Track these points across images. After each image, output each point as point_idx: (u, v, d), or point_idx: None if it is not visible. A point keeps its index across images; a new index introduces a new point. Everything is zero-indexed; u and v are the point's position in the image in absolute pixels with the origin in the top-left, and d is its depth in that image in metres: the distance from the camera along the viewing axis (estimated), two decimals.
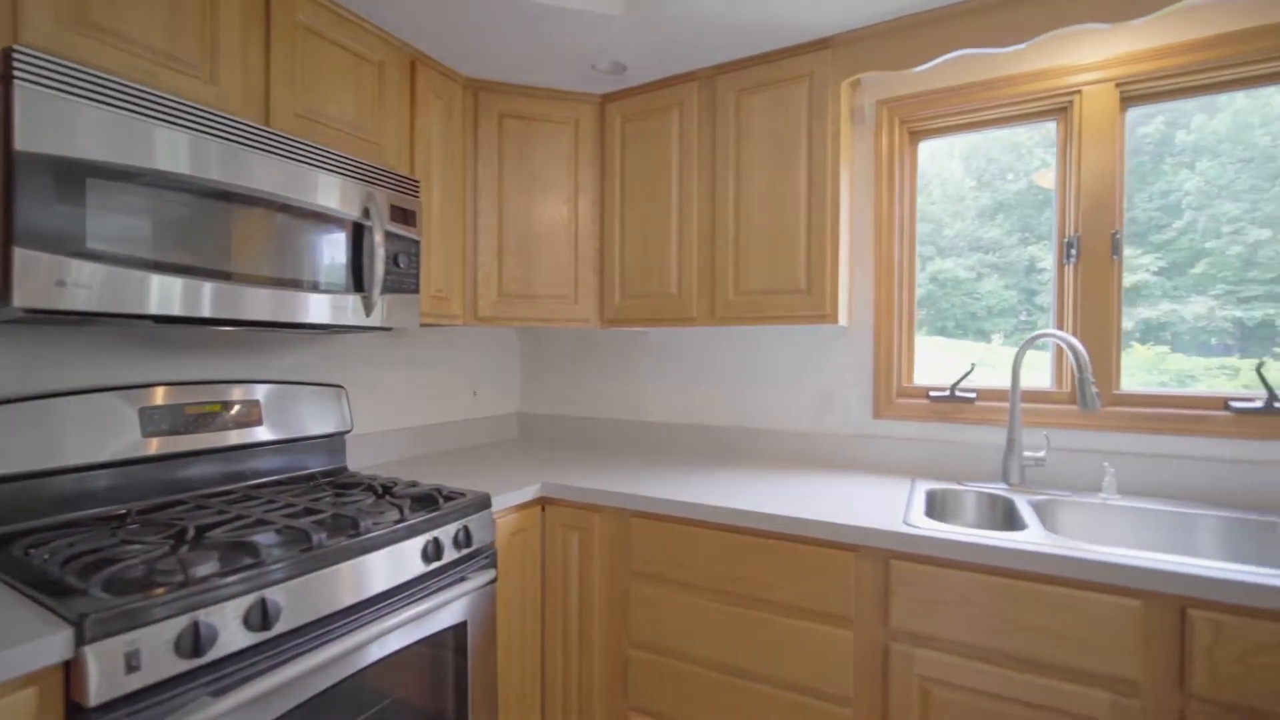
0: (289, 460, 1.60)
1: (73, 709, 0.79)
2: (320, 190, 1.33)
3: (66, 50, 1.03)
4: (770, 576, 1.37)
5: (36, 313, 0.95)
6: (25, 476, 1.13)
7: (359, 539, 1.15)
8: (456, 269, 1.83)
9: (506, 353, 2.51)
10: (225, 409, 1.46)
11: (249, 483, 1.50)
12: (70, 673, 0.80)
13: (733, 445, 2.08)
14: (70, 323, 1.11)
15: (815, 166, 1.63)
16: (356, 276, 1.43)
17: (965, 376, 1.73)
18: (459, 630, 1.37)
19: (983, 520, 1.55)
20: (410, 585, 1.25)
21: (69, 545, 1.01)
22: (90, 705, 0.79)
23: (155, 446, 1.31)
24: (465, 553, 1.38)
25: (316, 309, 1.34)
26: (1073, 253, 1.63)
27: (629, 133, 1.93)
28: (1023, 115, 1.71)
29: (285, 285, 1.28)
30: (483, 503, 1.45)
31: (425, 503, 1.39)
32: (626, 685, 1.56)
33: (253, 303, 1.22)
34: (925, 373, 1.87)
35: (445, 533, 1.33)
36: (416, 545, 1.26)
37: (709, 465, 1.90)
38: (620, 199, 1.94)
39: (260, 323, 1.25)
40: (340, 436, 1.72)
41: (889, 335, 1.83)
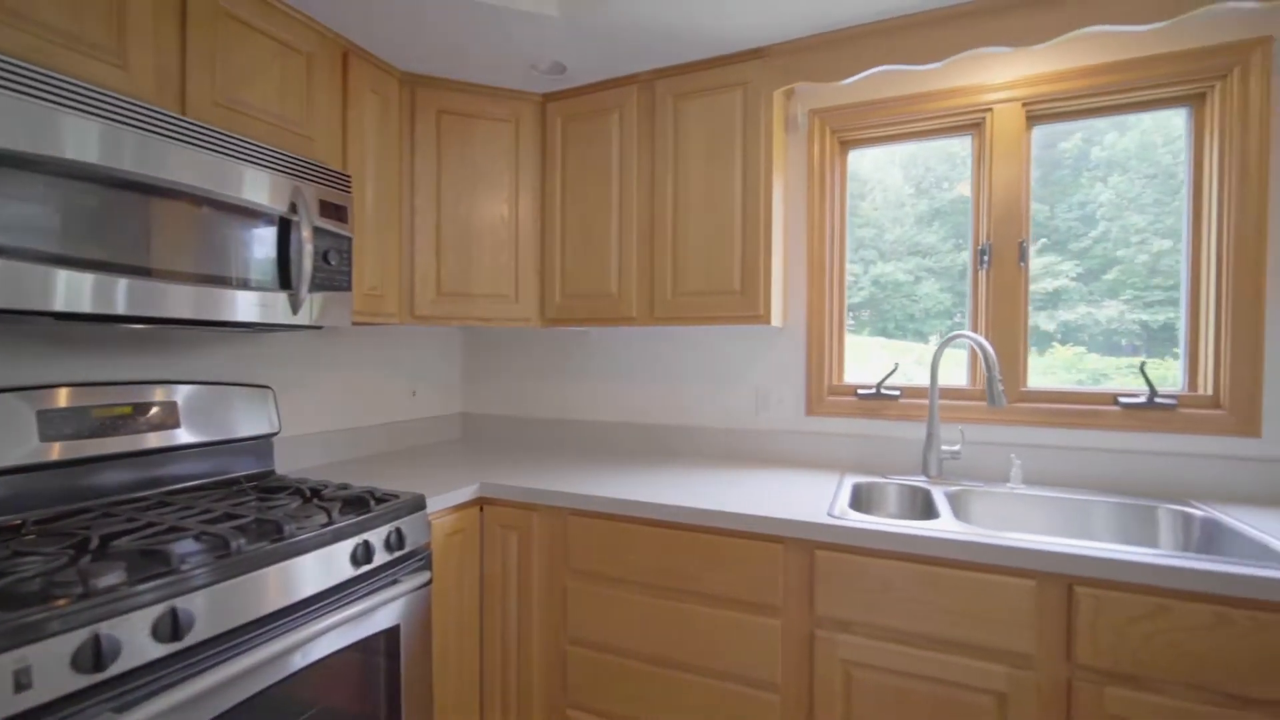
0: (212, 464, 1.53)
1: None
2: (243, 183, 1.29)
3: None
4: (703, 570, 1.41)
5: None
6: None
7: (283, 544, 1.12)
8: (392, 267, 1.79)
9: (448, 352, 2.48)
10: (139, 411, 1.38)
11: (166, 489, 1.43)
12: None
13: (672, 442, 2.12)
14: None
15: (749, 172, 1.68)
16: (284, 273, 1.38)
17: (890, 375, 1.82)
18: (391, 634, 1.35)
19: (904, 511, 1.64)
20: (338, 590, 1.22)
21: None
22: None
23: (57, 452, 1.23)
24: (398, 555, 1.36)
25: (240, 307, 1.29)
26: (985, 259, 1.75)
27: (570, 133, 1.93)
28: (942, 129, 1.82)
29: (207, 282, 1.23)
30: (417, 504, 1.43)
31: (356, 505, 1.36)
32: (565, 682, 1.57)
33: (173, 300, 1.17)
34: (866, 372, 1.96)
35: (376, 535, 1.31)
36: (345, 549, 1.24)
37: (648, 463, 1.94)
38: (561, 199, 1.95)
39: (181, 320, 1.20)
40: (267, 439, 1.66)
41: (821, 335, 1.91)
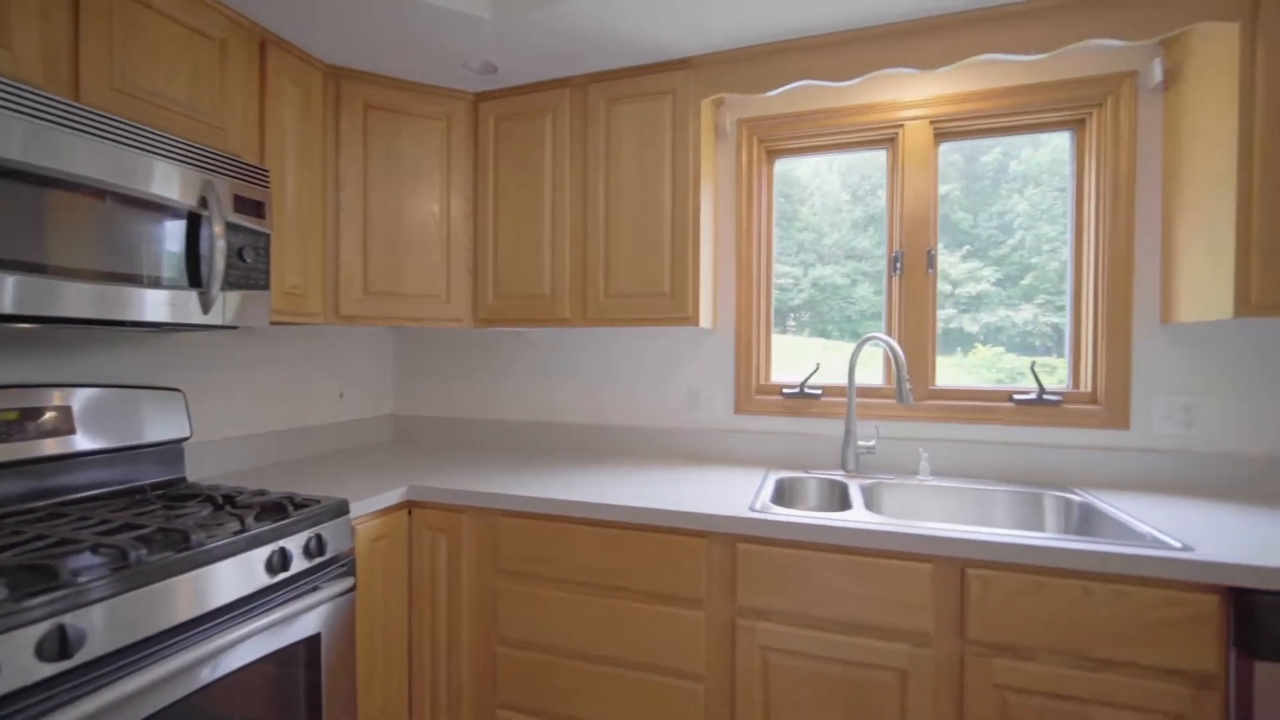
0: (115, 473, 1.44)
1: None
2: (147, 176, 1.22)
3: None
4: (630, 566, 1.44)
5: None
6: None
7: (189, 553, 1.08)
8: (316, 265, 1.74)
9: (379, 353, 2.41)
10: (28, 417, 1.29)
11: (60, 499, 1.34)
12: None
13: (607, 442, 2.15)
14: None
15: (678, 178, 1.73)
16: (195, 271, 1.32)
17: (812, 375, 1.92)
18: (312, 643, 1.31)
19: (823, 503, 1.73)
20: (252, 600, 1.18)
21: None
22: None
23: None
24: (318, 562, 1.32)
25: (147, 306, 1.23)
26: (898, 265, 1.86)
27: (503, 133, 1.93)
28: (860, 142, 1.93)
29: (110, 279, 1.17)
30: (339, 509, 1.40)
31: (273, 512, 1.32)
32: (495, 683, 1.57)
33: (70, 298, 1.10)
34: (808, 373, 2.04)
35: (294, 542, 1.27)
36: (260, 556, 1.20)
37: (583, 462, 1.96)
38: (494, 199, 1.94)
39: (79, 320, 1.13)
40: (177, 445, 1.57)
41: (749, 336, 1.98)
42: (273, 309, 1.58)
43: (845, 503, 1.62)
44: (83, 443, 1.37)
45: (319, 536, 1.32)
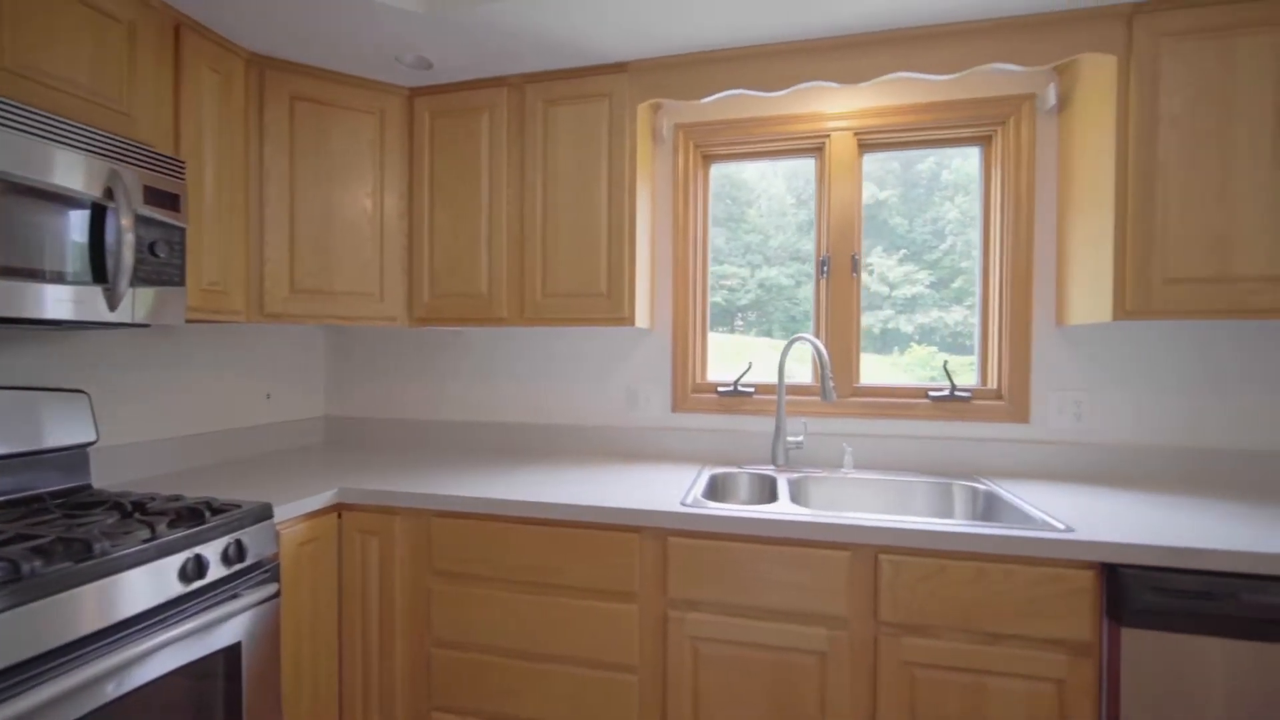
0: (11, 480, 1.35)
1: None
2: (45, 164, 1.15)
3: None
4: (565, 562, 1.46)
5: None
6: None
7: (91, 563, 1.02)
8: (238, 261, 1.67)
9: (310, 352, 2.33)
10: None
11: None
12: None
13: (546, 441, 2.16)
14: None
15: (614, 180, 1.76)
16: (101, 266, 1.25)
17: (745, 373, 1.99)
18: (231, 653, 1.27)
19: (753, 497, 1.80)
20: (164, 610, 1.14)
21: None
22: None
23: None
24: (238, 568, 1.28)
25: (47, 302, 1.16)
26: (826, 269, 1.96)
27: (439, 130, 1.90)
28: (791, 150, 2.01)
29: (7, 274, 1.10)
30: (262, 513, 1.36)
31: (188, 518, 1.26)
32: (430, 685, 1.56)
33: None
34: (757, 372, 2.10)
35: (211, 549, 1.23)
36: (173, 565, 1.15)
37: (521, 461, 1.96)
38: (430, 196, 1.91)
39: None
40: (81, 450, 1.48)
41: (685, 336, 2.03)
42: (189, 306, 1.51)
43: (774, 496, 1.69)
44: None
45: (239, 542, 1.28)
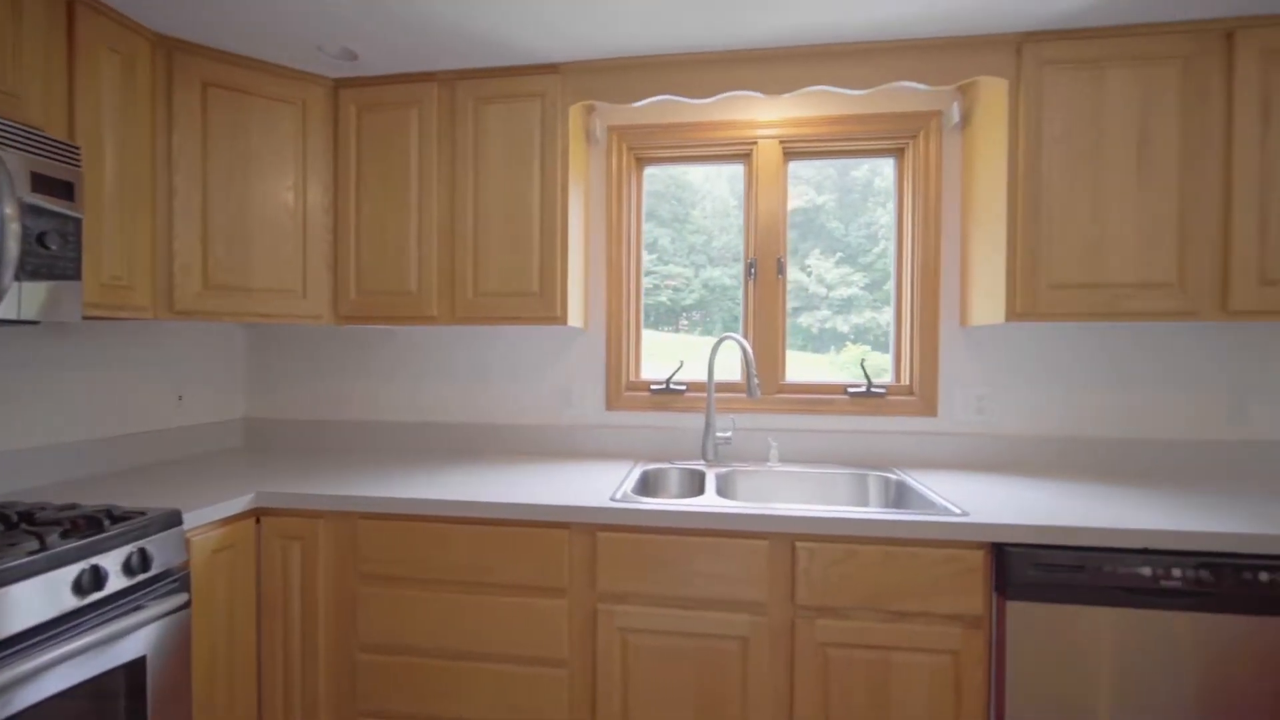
0: None
1: None
2: None
3: None
4: (495, 561, 1.46)
5: None
6: None
7: None
8: (144, 254, 1.58)
9: (227, 351, 2.22)
10: None
11: None
12: None
13: (478, 441, 2.14)
14: None
15: (547, 180, 1.77)
16: None
17: (676, 372, 2.04)
18: (135, 668, 1.20)
19: (683, 491, 1.86)
20: (55, 625, 1.07)
21: None
22: None
23: None
24: (142, 579, 1.22)
25: None
26: (753, 271, 2.04)
27: (366, 123, 1.86)
28: (721, 155, 2.08)
29: None
30: (169, 520, 1.29)
31: (84, 527, 1.19)
32: (355, 691, 1.52)
33: None
34: (698, 371, 2.15)
35: (111, 559, 1.16)
36: (65, 577, 1.08)
37: (455, 461, 1.94)
38: (356, 191, 1.86)
39: None
40: None
41: (619, 335, 2.07)
42: (87, 302, 1.42)
43: (703, 490, 1.75)
44: None
45: (142, 551, 1.21)
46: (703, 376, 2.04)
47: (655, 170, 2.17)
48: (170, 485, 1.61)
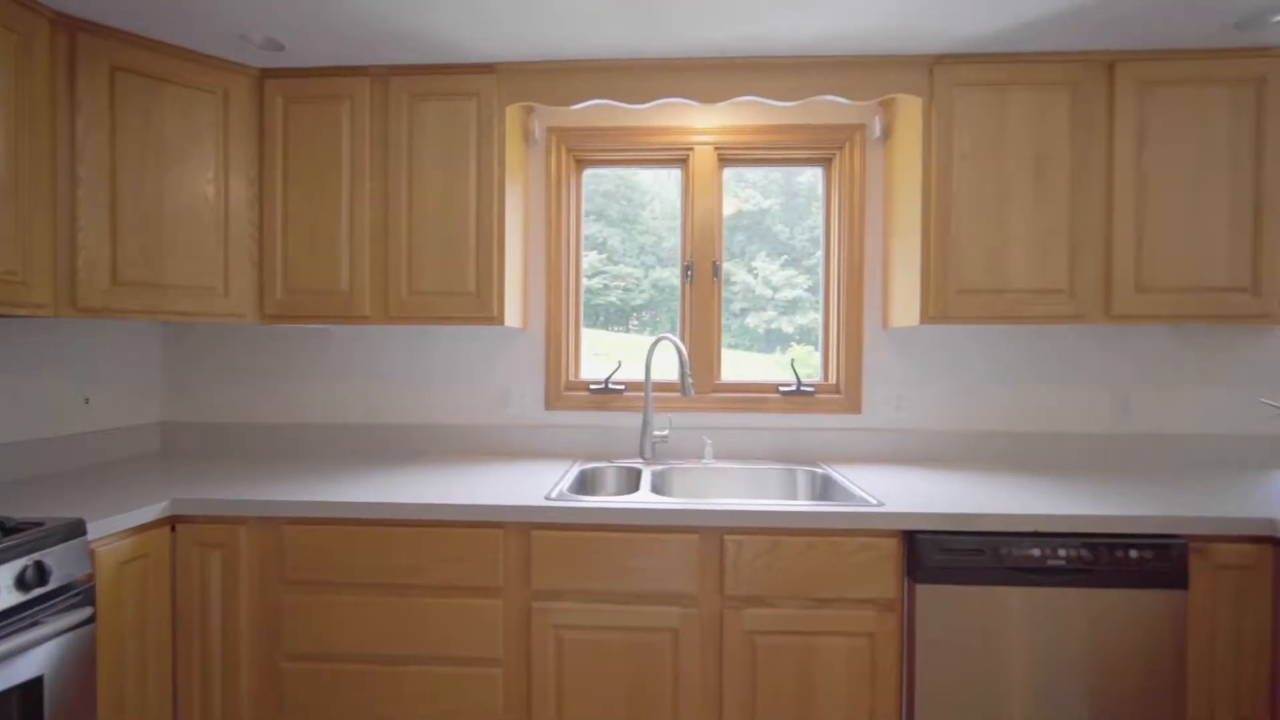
0: None
1: None
2: None
3: None
4: (428, 562, 1.45)
5: None
6: None
7: None
8: (43, 248, 1.48)
9: (141, 352, 2.10)
10: None
11: None
12: None
13: (416, 442, 2.11)
14: None
15: (483, 179, 1.76)
16: None
17: (615, 372, 2.07)
18: (31, 688, 1.13)
19: (620, 489, 1.89)
20: None
21: None
22: None
23: None
24: (38, 593, 1.14)
25: None
26: (690, 273, 2.09)
27: (294, 116, 1.80)
28: (658, 160, 2.12)
29: None
30: (71, 531, 1.22)
31: None
32: (281, 701, 1.48)
33: None
34: (658, 370, 2.17)
35: (3, 573, 1.09)
36: None
37: (391, 463, 1.90)
38: (283, 186, 1.80)
39: None
40: None
41: (558, 335, 2.08)
42: None
43: (639, 488, 1.79)
44: None
45: (39, 564, 1.14)
46: (642, 376, 2.08)
47: (605, 170, 2.19)
48: (76, 494, 1.52)
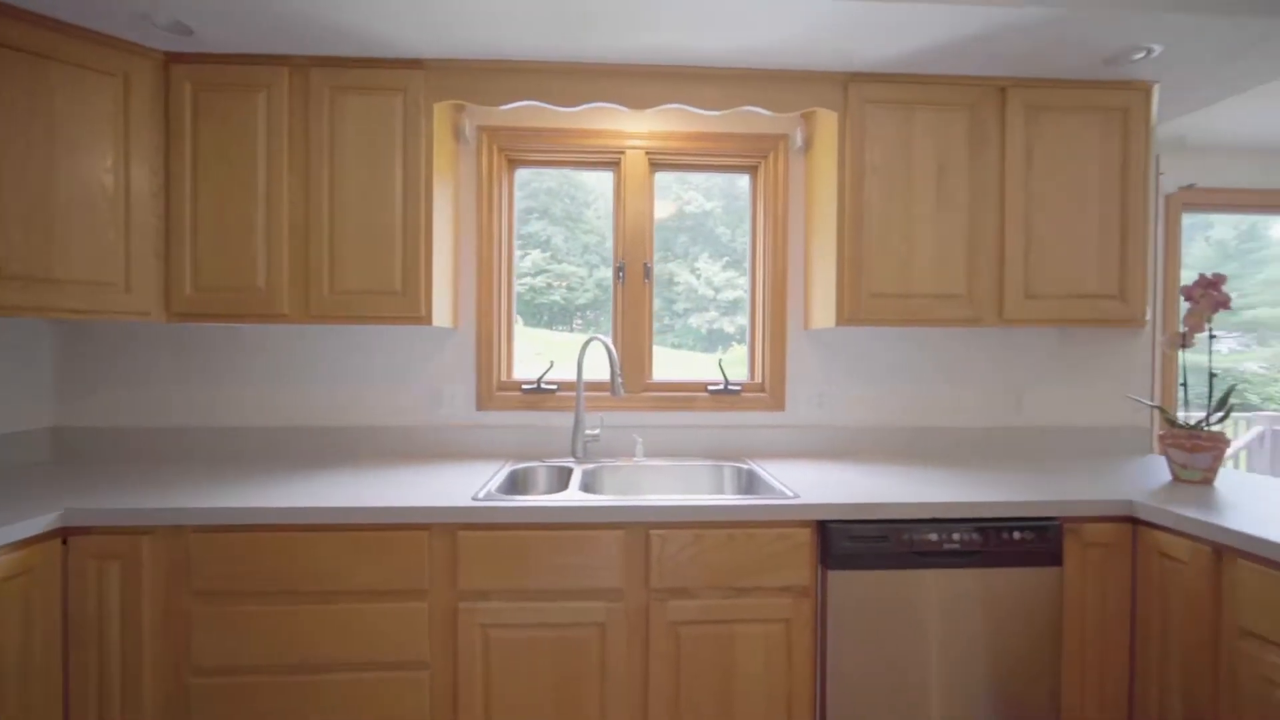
0: None
1: None
2: None
3: None
4: (351, 567, 1.42)
5: None
6: None
7: None
8: None
9: (28, 352, 1.93)
10: None
11: None
12: None
13: (343, 445, 2.05)
14: None
15: (409, 177, 1.74)
16: None
17: (547, 371, 2.09)
18: None
19: (551, 488, 1.91)
20: None
21: None
22: None
23: None
24: None
25: None
26: (621, 275, 2.13)
27: (205, 104, 1.71)
28: (591, 162, 2.15)
29: None
30: None
31: None
32: (189, 718, 1.41)
33: None
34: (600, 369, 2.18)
35: None
36: None
37: (313, 467, 1.84)
38: (193, 177, 1.71)
39: None
40: None
41: (490, 335, 2.07)
42: None
43: (569, 486, 1.81)
44: None
45: None
46: (573, 375, 2.10)
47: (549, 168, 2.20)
48: None
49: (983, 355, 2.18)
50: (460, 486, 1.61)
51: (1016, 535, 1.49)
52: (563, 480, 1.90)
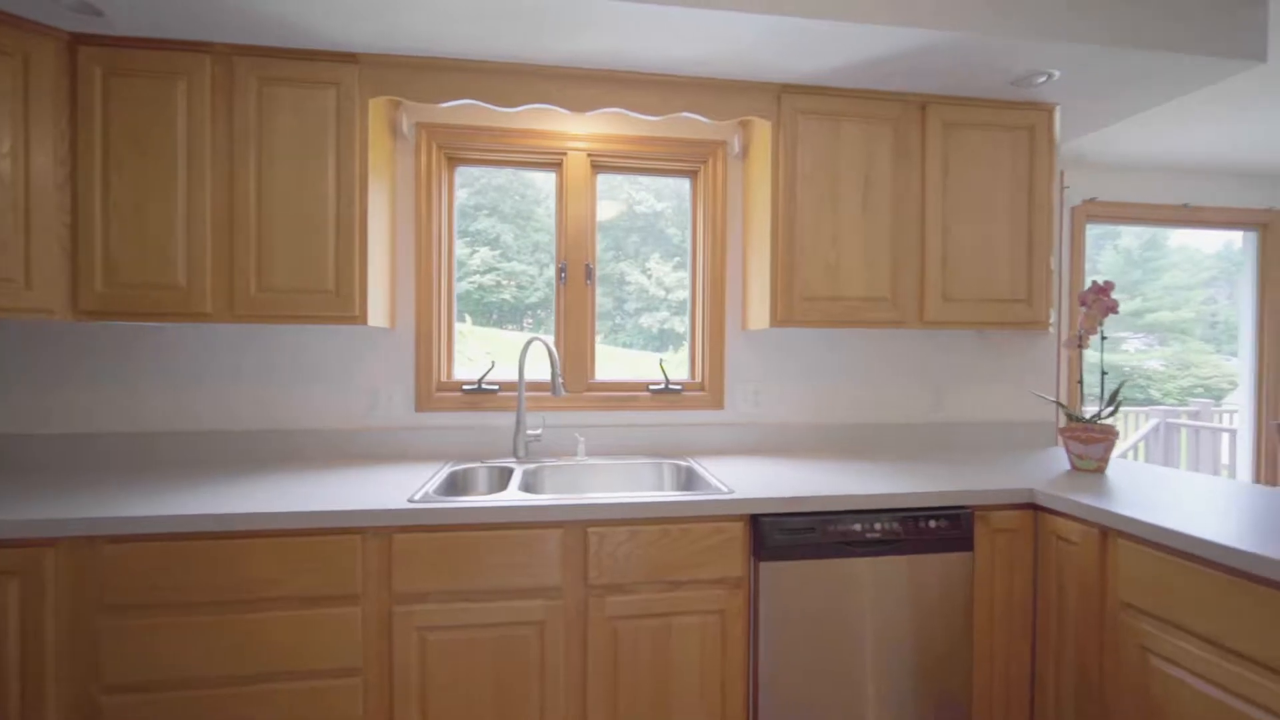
0: None
1: None
2: None
3: None
4: (277, 574, 1.38)
5: None
6: None
7: None
8: None
9: None
10: None
11: None
12: None
13: (275, 448, 1.98)
14: None
15: (343, 174, 1.70)
16: None
17: (489, 372, 2.08)
18: None
19: (491, 489, 1.90)
20: None
21: None
22: None
23: None
24: None
25: None
26: (564, 276, 2.14)
27: (116, 90, 1.62)
28: (534, 162, 2.15)
29: None
30: None
31: None
32: None
33: None
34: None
35: None
36: None
37: (241, 472, 1.77)
38: (103, 167, 1.62)
39: None
40: None
41: (429, 335, 2.04)
42: None
43: (509, 486, 1.81)
44: None
45: None
46: (510, 376, 2.10)
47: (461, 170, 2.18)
48: None
49: (907, 355, 2.31)
50: (397, 489, 1.59)
51: (933, 524, 1.59)
52: (504, 480, 1.90)
